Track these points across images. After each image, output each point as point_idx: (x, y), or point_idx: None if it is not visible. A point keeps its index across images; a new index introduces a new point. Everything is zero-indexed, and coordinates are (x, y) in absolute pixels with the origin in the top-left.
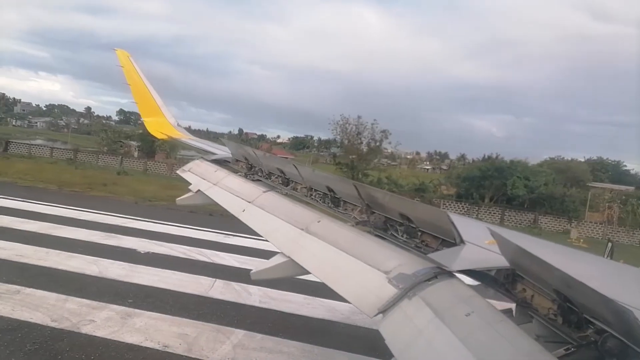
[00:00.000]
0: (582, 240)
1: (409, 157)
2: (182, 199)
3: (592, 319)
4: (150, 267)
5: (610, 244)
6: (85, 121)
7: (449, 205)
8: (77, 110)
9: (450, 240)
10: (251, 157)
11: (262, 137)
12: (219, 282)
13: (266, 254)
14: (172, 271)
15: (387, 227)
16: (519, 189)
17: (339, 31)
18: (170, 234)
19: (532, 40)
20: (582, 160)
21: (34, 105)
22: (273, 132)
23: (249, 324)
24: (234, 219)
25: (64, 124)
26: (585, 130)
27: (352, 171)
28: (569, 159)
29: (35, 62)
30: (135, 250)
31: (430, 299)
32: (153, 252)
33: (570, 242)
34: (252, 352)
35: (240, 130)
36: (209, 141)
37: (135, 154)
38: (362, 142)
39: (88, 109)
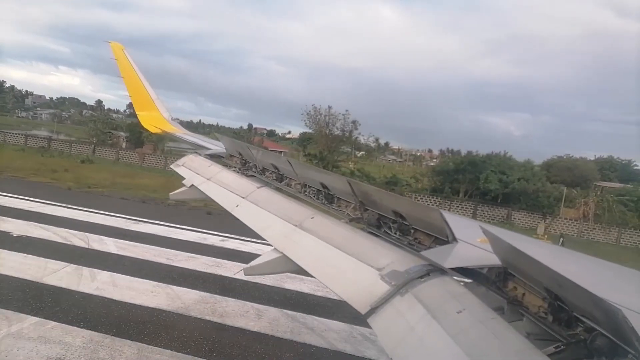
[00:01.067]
0: (546, 236)
1: (419, 154)
2: (176, 193)
3: (582, 318)
4: (7, 250)
5: (562, 239)
6: (91, 113)
7: (421, 199)
8: (90, 103)
9: (443, 238)
10: (245, 153)
11: (271, 133)
12: (69, 268)
13: (167, 242)
14: (26, 254)
15: (380, 224)
16: (492, 183)
17: (356, 28)
18: (69, 218)
19: (552, 37)
20: (593, 159)
21: (47, 98)
22: (288, 127)
23: (50, 312)
24: (163, 206)
25: (67, 116)
26: (606, 129)
27: (322, 162)
28: (578, 157)
29: (55, 56)
30: (9, 232)
31: (422, 296)
32: (27, 236)
33: (536, 237)
34: (23, 342)
35: (250, 125)
36: (203, 136)
37: (124, 144)
38: (332, 133)
39: (99, 101)
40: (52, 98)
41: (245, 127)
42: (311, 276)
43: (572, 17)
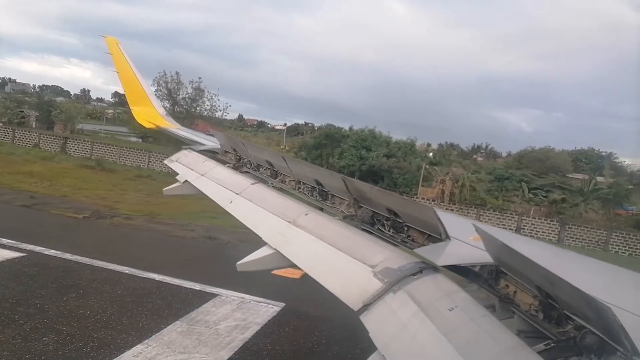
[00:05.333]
0: None
1: (430, 148)
2: (170, 189)
3: (572, 315)
4: None
5: None
6: (59, 98)
7: None
8: (76, 92)
9: (437, 235)
10: (240, 149)
11: (261, 124)
12: None
13: None
14: None
15: (374, 221)
16: (346, 159)
17: (367, 22)
18: None
19: (567, 31)
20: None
21: (31, 86)
22: (293, 121)
23: None
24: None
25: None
26: (623, 126)
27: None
28: (560, 150)
29: (66, 49)
30: None
31: (415, 293)
32: None
33: None
34: None
35: (240, 116)
36: (198, 131)
37: (34, 124)
38: (176, 103)
39: (83, 90)
40: (35, 86)
41: (254, 121)
42: (304, 272)
43: (588, 10)
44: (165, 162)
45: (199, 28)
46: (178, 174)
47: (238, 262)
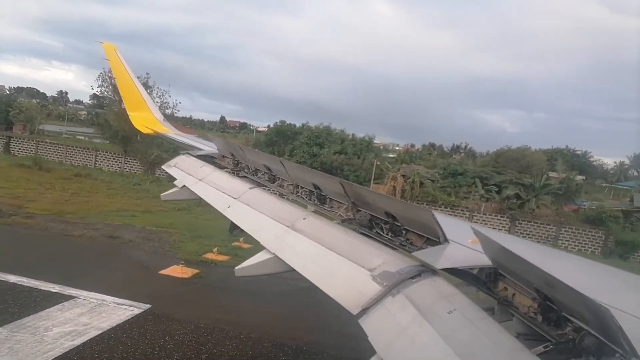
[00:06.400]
0: None
1: (397, 147)
2: (167, 194)
3: (570, 317)
4: None
5: None
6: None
7: None
8: (52, 94)
9: (435, 238)
10: (238, 153)
11: (243, 125)
12: None
13: None
14: None
15: (372, 225)
16: (297, 156)
17: (351, 23)
18: None
19: (547, 33)
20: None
21: (6, 88)
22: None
23: None
24: None
25: None
26: (601, 126)
27: (115, 140)
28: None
29: (48, 51)
30: None
31: (413, 297)
32: None
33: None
34: None
35: (222, 118)
36: (196, 137)
37: None
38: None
39: (60, 92)
40: (10, 88)
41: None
42: (303, 277)
43: (567, 12)
44: (163, 167)
45: (183, 29)
46: (176, 179)
47: (236, 267)
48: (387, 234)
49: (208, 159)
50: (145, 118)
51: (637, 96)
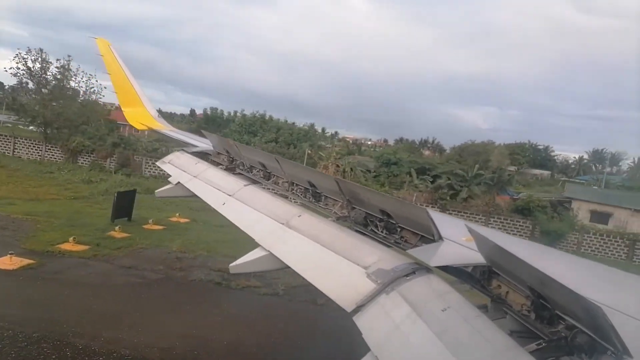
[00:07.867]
0: None
1: (369, 142)
2: (162, 190)
3: (563, 315)
4: None
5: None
6: None
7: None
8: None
9: (429, 236)
10: (232, 150)
11: None
12: None
13: None
14: None
15: (367, 222)
16: None
17: (328, 18)
18: None
19: (518, 31)
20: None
21: None
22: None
23: None
24: None
25: None
26: (572, 124)
27: (47, 131)
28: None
29: (13, 40)
30: None
31: (407, 294)
32: None
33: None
34: None
35: (192, 111)
36: (191, 133)
37: None
38: (41, 83)
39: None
40: None
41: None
42: (298, 274)
43: (535, 11)
44: (158, 163)
45: (154, 21)
46: (170, 176)
47: (231, 265)
48: (381, 232)
49: (203, 155)
50: (140, 114)
51: (604, 93)
